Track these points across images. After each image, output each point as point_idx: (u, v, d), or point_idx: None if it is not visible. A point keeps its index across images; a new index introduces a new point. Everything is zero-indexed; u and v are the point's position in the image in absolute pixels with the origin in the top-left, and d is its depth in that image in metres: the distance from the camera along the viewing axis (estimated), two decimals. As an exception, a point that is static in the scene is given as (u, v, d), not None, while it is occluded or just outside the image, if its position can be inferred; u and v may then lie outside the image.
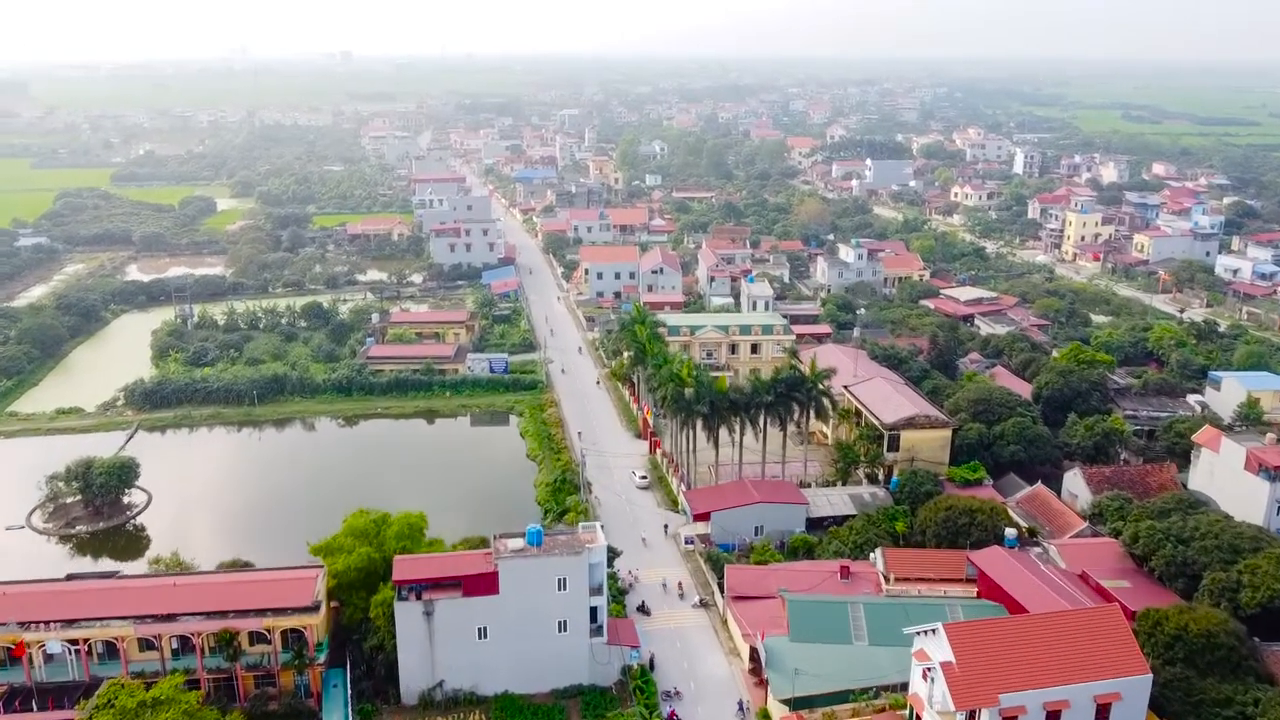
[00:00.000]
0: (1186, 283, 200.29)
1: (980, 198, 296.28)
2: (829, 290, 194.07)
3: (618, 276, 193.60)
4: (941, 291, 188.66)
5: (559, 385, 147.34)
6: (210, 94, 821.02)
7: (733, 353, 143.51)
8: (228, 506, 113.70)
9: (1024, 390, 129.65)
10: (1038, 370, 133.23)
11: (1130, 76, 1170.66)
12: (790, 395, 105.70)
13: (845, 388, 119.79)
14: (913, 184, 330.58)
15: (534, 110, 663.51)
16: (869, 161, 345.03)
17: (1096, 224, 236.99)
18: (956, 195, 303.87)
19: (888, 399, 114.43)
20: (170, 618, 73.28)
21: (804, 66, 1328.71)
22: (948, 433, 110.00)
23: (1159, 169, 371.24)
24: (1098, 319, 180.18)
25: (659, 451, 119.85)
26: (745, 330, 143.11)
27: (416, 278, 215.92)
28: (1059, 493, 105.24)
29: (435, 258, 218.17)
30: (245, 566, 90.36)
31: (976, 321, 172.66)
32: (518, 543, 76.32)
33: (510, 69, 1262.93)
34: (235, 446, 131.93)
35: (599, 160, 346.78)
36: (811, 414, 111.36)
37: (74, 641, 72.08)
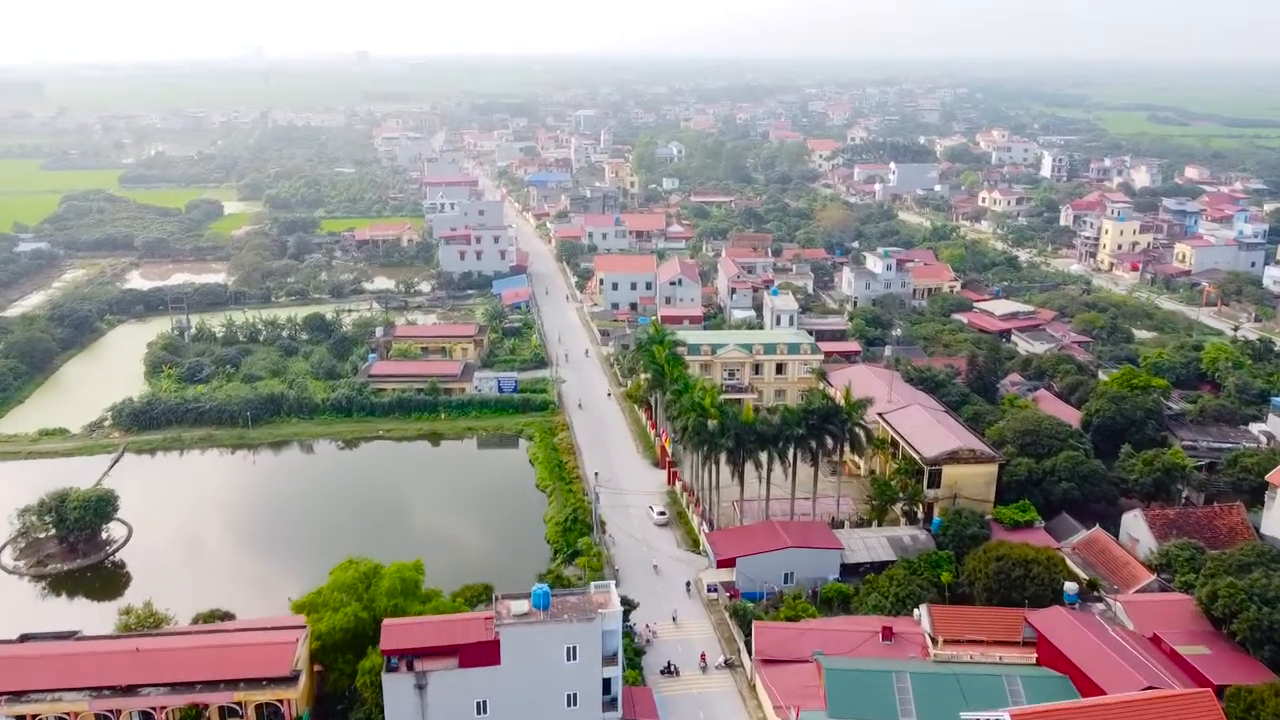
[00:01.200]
0: (1233, 295, 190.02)
1: (1009, 203, 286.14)
2: (855, 303, 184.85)
3: (634, 287, 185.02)
4: (975, 305, 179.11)
5: (571, 406, 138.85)
6: (225, 95, 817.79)
7: (756, 373, 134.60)
8: (212, 541, 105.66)
9: (1071, 417, 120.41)
10: (1086, 395, 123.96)
11: (1148, 77, 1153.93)
12: (823, 427, 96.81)
13: (880, 415, 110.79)
14: (938, 188, 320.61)
15: (549, 111, 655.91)
16: (893, 165, 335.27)
17: (1134, 232, 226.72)
18: (984, 200, 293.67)
19: (927, 429, 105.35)
20: (131, 690, 65.35)
21: (817, 66, 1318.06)
22: (993, 468, 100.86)
23: (1192, 173, 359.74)
24: (1140, 334, 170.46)
25: (678, 483, 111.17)
26: (770, 349, 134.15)
27: (425, 286, 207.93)
28: (1116, 534, 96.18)
29: (444, 266, 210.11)
30: (224, 618, 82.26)
31: (1014, 338, 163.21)
32: (522, 605, 67.77)
33: (527, 69, 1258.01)
34: (226, 472, 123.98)
35: (615, 163, 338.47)
36: (845, 446, 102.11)
37: (22, 718, 64.07)
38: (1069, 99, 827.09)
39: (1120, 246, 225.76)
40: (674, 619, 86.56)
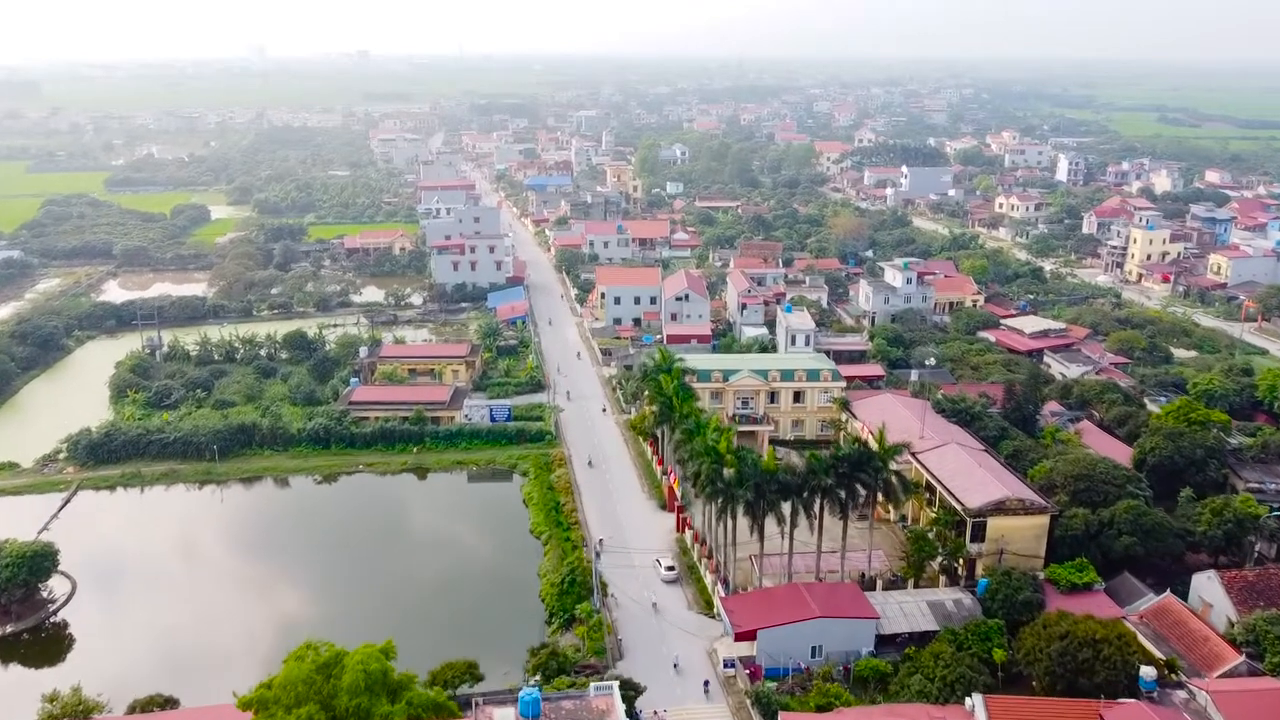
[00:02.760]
0: (1275, 310, 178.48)
1: (1027, 209, 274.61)
2: (873, 318, 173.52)
3: (637, 301, 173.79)
4: (1002, 322, 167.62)
5: (569, 435, 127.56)
6: (225, 94, 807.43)
7: (772, 401, 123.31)
8: (166, 599, 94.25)
9: (1120, 454, 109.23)
10: (1136, 429, 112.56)
11: (1155, 77, 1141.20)
12: (854, 476, 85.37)
13: (913, 455, 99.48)
14: (952, 193, 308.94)
15: (550, 111, 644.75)
16: (905, 169, 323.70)
17: (1164, 241, 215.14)
18: (1001, 206, 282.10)
19: (969, 474, 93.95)
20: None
21: (820, 66, 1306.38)
22: (1044, 520, 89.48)
23: (1213, 176, 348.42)
24: (1179, 353, 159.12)
25: (688, 530, 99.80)
26: (787, 376, 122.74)
27: (416, 299, 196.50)
28: (1183, 596, 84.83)
29: (437, 277, 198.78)
30: (166, 705, 71.17)
31: (1046, 359, 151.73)
32: (507, 714, 56.46)
33: (528, 69, 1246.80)
34: (189, 512, 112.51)
35: (617, 167, 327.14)
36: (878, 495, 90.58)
37: None
38: (1076, 99, 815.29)
39: (1149, 257, 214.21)
40: (674, 665, 77.51)
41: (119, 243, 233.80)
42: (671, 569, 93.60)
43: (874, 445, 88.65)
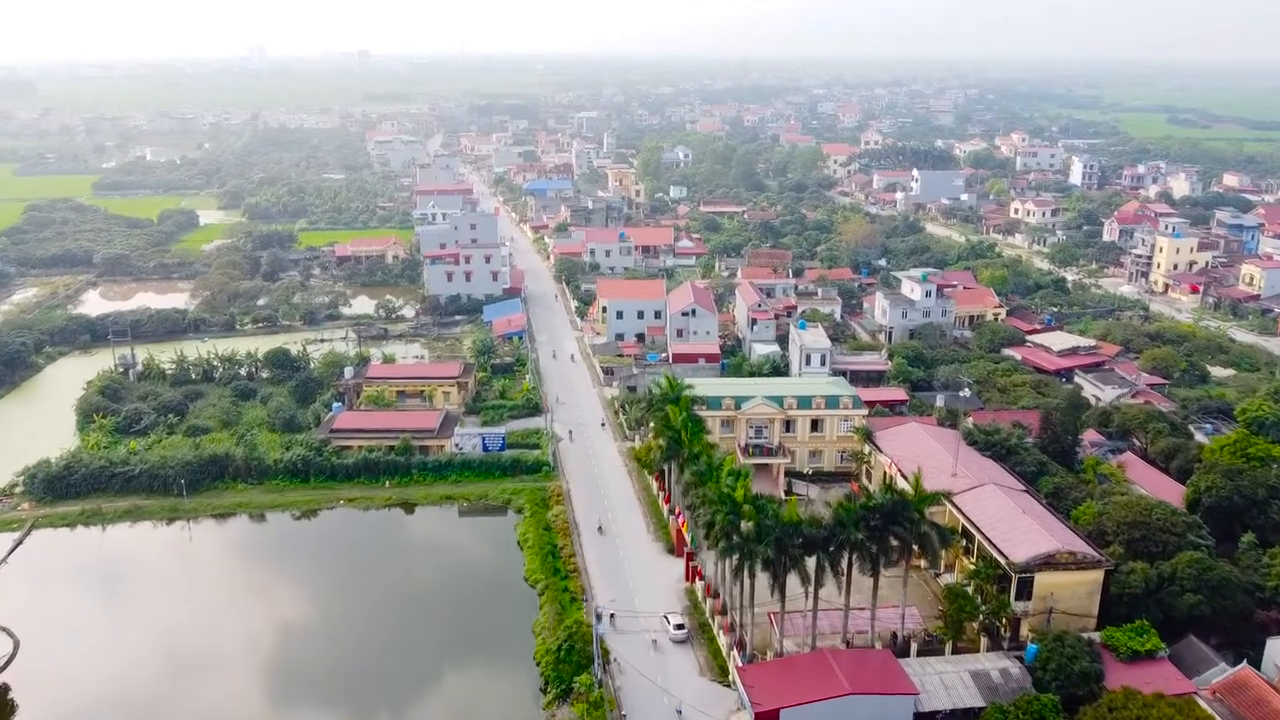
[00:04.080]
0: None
1: (1043, 214, 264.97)
2: (890, 334, 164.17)
3: (641, 316, 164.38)
4: (1028, 338, 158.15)
5: (569, 466, 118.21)
6: (223, 94, 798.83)
7: (787, 430, 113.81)
8: (120, 657, 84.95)
9: (1169, 492, 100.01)
10: (1187, 464, 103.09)
11: (1162, 77, 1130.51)
12: (887, 529, 75.90)
13: (947, 497, 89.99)
14: (964, 197, 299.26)
15: (551, 112, 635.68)
16: (915, 172, 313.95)
17: (1191, 250, 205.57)
18: (1017, 211, 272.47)
19: (1012, 521, 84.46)
20: None
21: (823, 66, 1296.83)
22: (1098, 576, 79.99)
23: (1230, 180, 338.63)
24: (1215, 372, 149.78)
25: (699, 581, 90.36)
26: (804, 403, 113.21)
27: (408, 311, 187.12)
28: (1255, 663, 75.42)
29: (430, 289, 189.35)
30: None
31: (1076, 379, 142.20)
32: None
33: (529, 69, 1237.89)
34: (152, 555, 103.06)
35: (619, 170, 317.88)
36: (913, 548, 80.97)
37: None
38: (1083, 100, 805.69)
39: (1176, 266, 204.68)
40: None
41: (100, 251, 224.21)
42: (681, 628, 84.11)
43: (906, 486, 79.09)
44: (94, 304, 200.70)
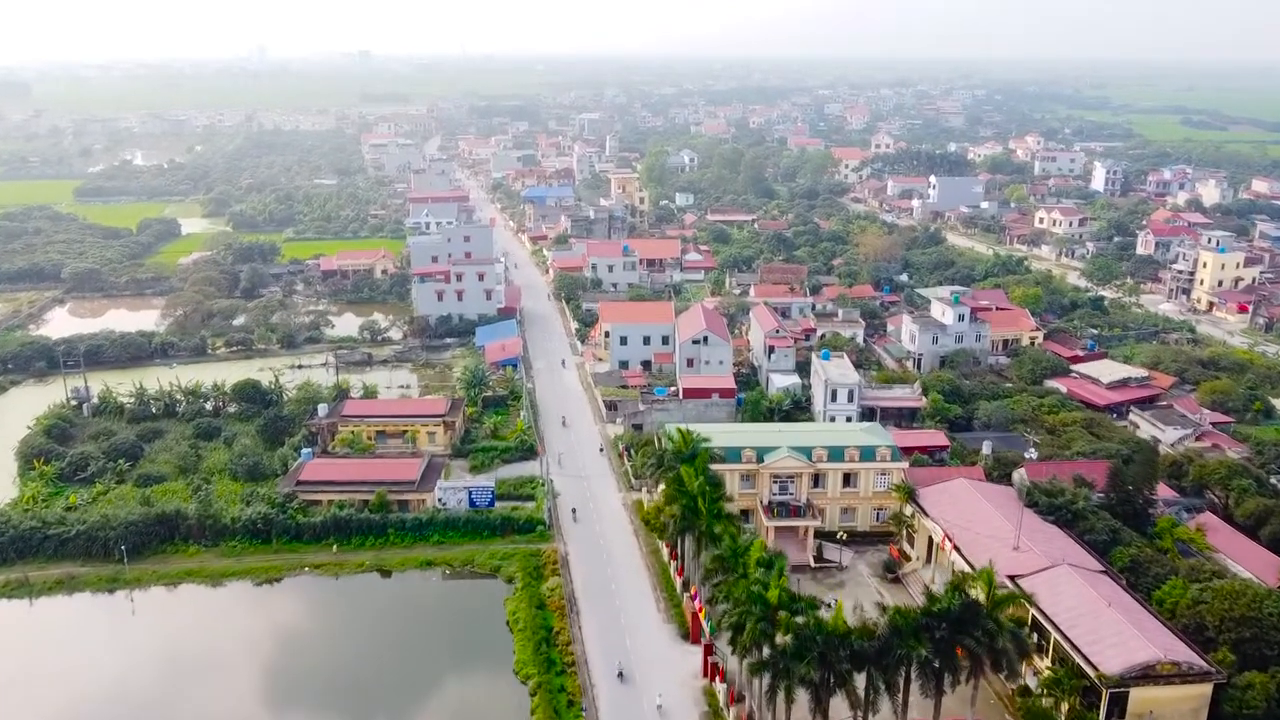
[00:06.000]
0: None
1: (1070, 224, 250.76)
2: (917, 360, 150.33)
3: (647, 341, 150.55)
4: (1072, 368, 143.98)
5: (568, 524, 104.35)
6: (221, 95, 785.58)
7: (816, 485, 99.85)
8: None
9: (1261, 564, 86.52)
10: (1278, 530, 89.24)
11: (1168, 78, 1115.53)
12: (955, 639, 62.00)
13: (1012, 580, 76.17)
14: (984, 205, 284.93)
15: (552, 114, 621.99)
16: (933, 179, 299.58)
17: (1238, 265, 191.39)
18: (1042, 221, 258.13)
19: (1096, 618, 70.54)
20: None
21: (826, 67, 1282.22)
22: (1206, 690, 66.22)
23: (1260, 186, 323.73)
24: (1277, 403, 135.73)
25: (719, 682, 76.26)
26: (836, 455, 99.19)
27: (395, 333, 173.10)
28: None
29: (419, 309, 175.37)
30: None
31: (1132, 417, 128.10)
32: None
33: (531, 69, 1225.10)
34: (86, 633, 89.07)
35: (622, 176, 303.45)
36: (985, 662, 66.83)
37: None
38: (1091, 101, 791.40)
39: (1220, 283, 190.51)
40: None
41: (70, 264, 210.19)
42: (700, 748, 70.31)
43: (962, 564, 65.15)
44: (60, 323, 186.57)
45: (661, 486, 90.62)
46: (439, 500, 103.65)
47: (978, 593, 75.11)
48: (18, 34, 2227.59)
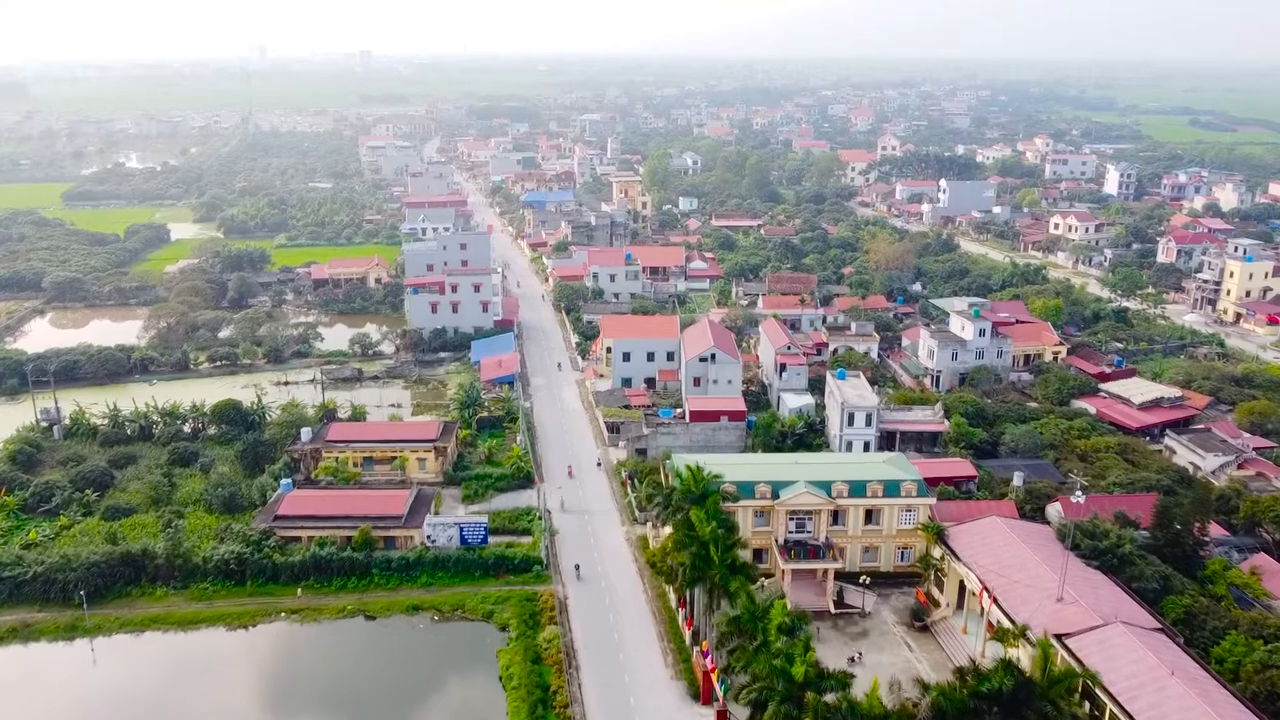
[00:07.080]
0: None
1: (1086, 230, 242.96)
2: (935, 377, 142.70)
3: (651, 358, 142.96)
4: (1100, 387, 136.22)
5: (566, 560, 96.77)
6: (220, 96, 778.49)
7: (835, 523, 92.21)
8: None
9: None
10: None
11: (1172, 78, 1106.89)
12: (1007, 724, 54.38)
13: (1060, 640, 68.59)
14: (996, 210, 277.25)
15: (553, 114, 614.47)
16: (943, 183, 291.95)
17: (1266, 275, 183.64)
18: (1058, 227, 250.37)
19: (1159, 689, 62.85)
20: None
21: (829, 67, 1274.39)
22: (1290, 775, 58.58)
23: (1277, 189, 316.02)
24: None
25: (734, 751, 68.81)
26: (858, 490, 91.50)
27: (387, 346, 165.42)
28: None
29: (413, 321, 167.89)
30: None
31: (1168, 441, 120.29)
32: None
33: (533, 69, 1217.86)
34: (41, 686, 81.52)
35: (624, 181, 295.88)
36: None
37: None
38: (1097, 101, 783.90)
39: (1248, 293, 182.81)
40: None
41: (51, 273, 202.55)
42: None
43: (1000, 617, 57.53)
44: (39, 335, 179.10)
45: (668, 529, 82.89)
46: (428, 537, 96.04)
47: (1019, 653, 67.98)
48: (17, 34, 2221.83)
